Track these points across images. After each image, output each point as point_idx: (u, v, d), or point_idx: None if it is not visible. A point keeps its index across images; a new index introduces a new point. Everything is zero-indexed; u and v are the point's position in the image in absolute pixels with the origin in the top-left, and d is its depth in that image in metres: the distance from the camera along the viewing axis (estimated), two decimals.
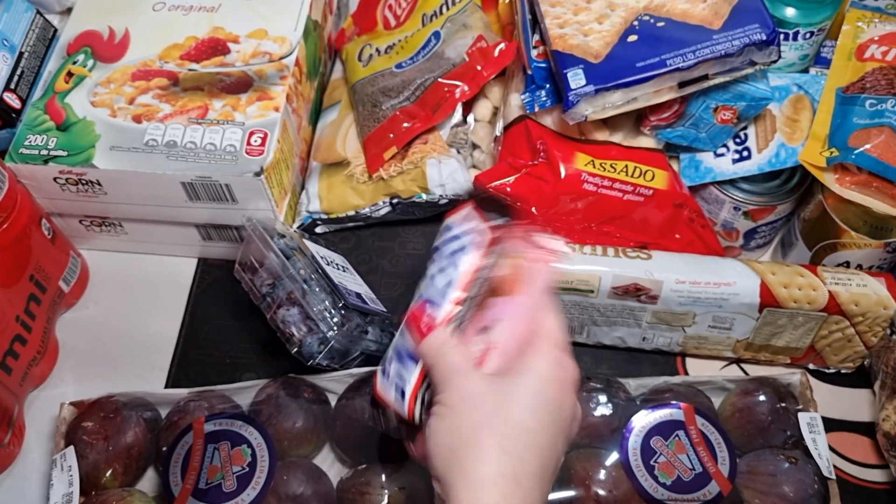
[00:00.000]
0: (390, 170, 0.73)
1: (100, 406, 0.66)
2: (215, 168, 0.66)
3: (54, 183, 0.69)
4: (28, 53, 0.75)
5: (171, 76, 0.72)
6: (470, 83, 0.71)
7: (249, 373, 0.73)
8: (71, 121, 0.70)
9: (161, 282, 0.78)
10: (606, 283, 0.66)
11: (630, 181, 0.66)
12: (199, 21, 0.75)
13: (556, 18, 0.66)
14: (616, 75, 0.61)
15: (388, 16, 0.83)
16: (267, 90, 0.71)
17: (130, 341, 0.75)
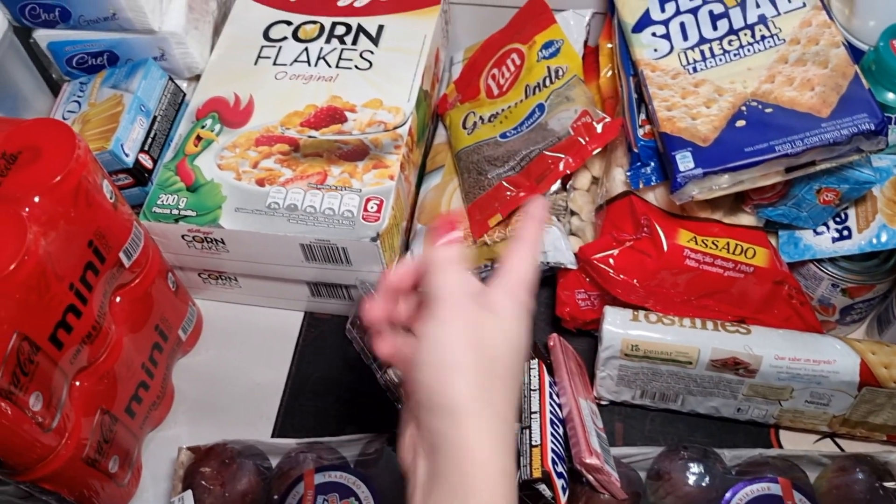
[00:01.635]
0: (494, 236, 0.76)
1: (216, 452, 0.70)
2: (333, 232, 0.70)
3: (182, 240, 0.74)
4: (160, 117, 0.81)
5: (292, 142, 0.76)
6: (574, 156, 0.74)
7: (352, 425, 0.76)
8: (200, 182, 0.75)
9: (269, 333, 0.82)
10: (705, 356, 0.67)
11: (731, 258, 0.68)
12: (318, 90, 0.80)
13: (664, 101, 0.68)
14: (724, 159, 0.63)
15: (491, 85, 0.87)
16: (382, 159, 0.75)
17: (239, 388, 0.79)
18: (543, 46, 0.83)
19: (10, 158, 0.59)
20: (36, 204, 0.57)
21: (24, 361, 0.56)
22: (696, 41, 0.71)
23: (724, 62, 0.69)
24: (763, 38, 0.69)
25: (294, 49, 0.83)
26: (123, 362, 0.69)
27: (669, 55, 0.72)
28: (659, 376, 0.70)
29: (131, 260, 0.68)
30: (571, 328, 0.77)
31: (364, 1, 0.87)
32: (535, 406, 0.68)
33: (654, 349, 0.68)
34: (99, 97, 0.80)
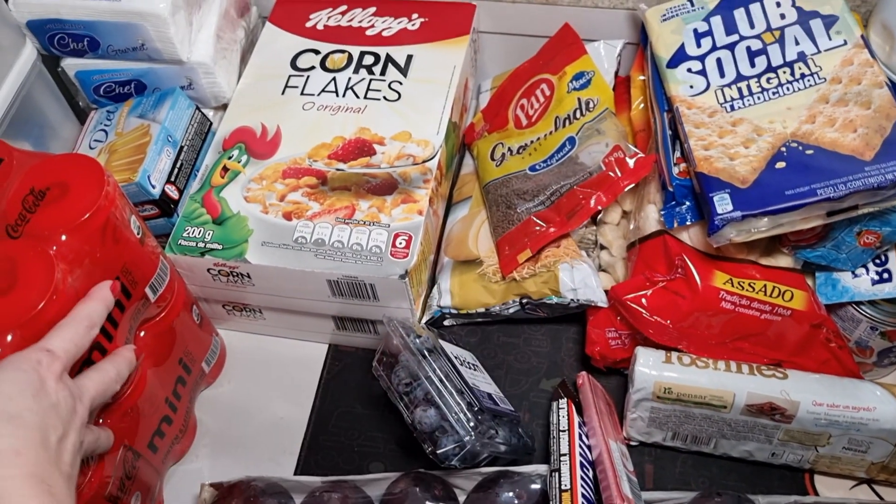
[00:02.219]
0: (523, 272, 0.75)
1: (239, 490, 0.69)
2: (361, 268, 0.69)
3: (207, 273, 0.73)
4: (187, 147, 0.81)
5: (320, 175, 0.76)
6: (606, 192, 0.73)
7: (377, 462, 0.75)
8: (226, 215, 0.74)
9: (293, 365, 0.81)
10: (740, 401, 0.66)
11: (769, 301, 0.67)
12: (346, 121, 0.79)
13: (701, 140, 0.67)
14: (764, 202, 0.62)
15: (519, 115, 0.86)
16: (411, 193, 0.74)
17: (262, 422, 0.78)
18: (574, 77, 0.82)
19: (39, 195, 0.58)
20: (63, 242, 0.56)
21: None
22: (734, 78, 0.70)
23: (763, 101, 0.68)
24: (803, 76, 0.68)
25: (322, 79, 0.83)
26: (147, 397, 0.68)
27: (706, 92, 0.70)
28: (692, 419, 0.68)
29: (157, 294, 0.67)
30: (601, 367, 0.75)
31: (393, 30, 0.86)
32: (565, 448, 0.66)
33: (687, 392, 0.66)
34: (126, 126, 0.80)
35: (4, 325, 0.52)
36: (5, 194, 0.59)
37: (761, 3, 0.73)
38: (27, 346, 0.52)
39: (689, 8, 0.76)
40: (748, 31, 0.72)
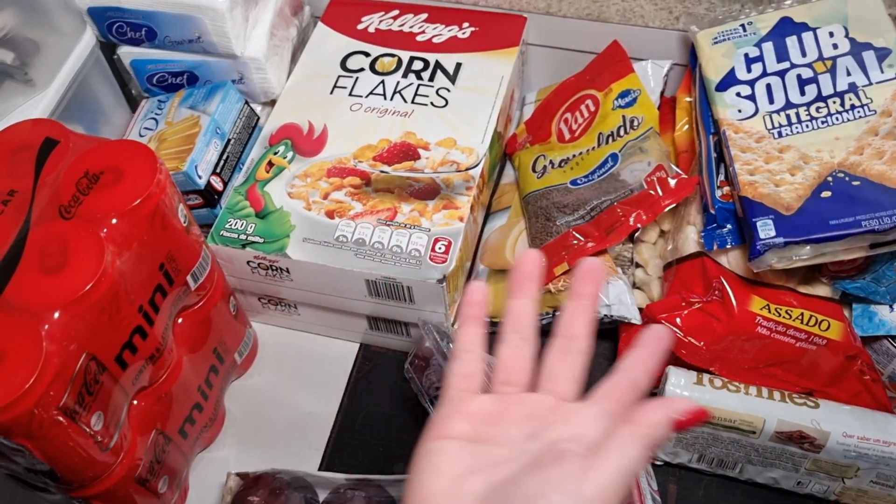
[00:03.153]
0: (559, 284, 0.75)
1: (265, 481, 0.70)
2: (400, 270, 0.70)
3: (247, 265, 0.74)
4: (234, 140, 0.82)
5: (364, 176, 0.76)
6: (647, 211, 0.73)
7: (401, 463, 0.75)
8: (269, 209, 0.75)
9: (323, 362, 0.82)
10: (770, 427, 0.65)
11: (805, 329, 0.67)
12: (392, 125, 0.80)
13: (747, 164, 0.67)
14: (808, 230, 0.62)
15: (563, 129, 0.86)
16: (453, 199, 0.74)
17: (289, 416, 0.79)
18: (620, 95, 0.82)
19: (93, 178, 0.59)
20: (113, 225, 0.57)
21: (90, 381, 0.56)
22: (783, 105, 0.70)
23: (811, 129, 0.68)
24: (853, 107, 0.68)
25: (371, 81, 0.84)
26: (181, 384, 0.69)
27: (754, 117, 0.71)
28: (719, 442, 0.68)
29: (198, 283, 0.68)
30: None
31: (443, 37, 0.87)
32: None
33: (717, 415, 0.66)
34: (176, 116, 0.81)
35: (52, 304, 0.53)
36: (60, 175, 0.60)
37: (814, 32, 0.73)
38: (73, 324, 0.53)
39: (741, 33, 0.76)
40: (800, 59, 0.72)
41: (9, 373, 0.50)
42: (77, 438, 0.56)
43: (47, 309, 0.53)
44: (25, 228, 0.57)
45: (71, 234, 0.56)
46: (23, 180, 0.60)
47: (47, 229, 0.57)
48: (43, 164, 0.61)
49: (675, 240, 0.74)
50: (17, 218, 0.58)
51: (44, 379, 0.51)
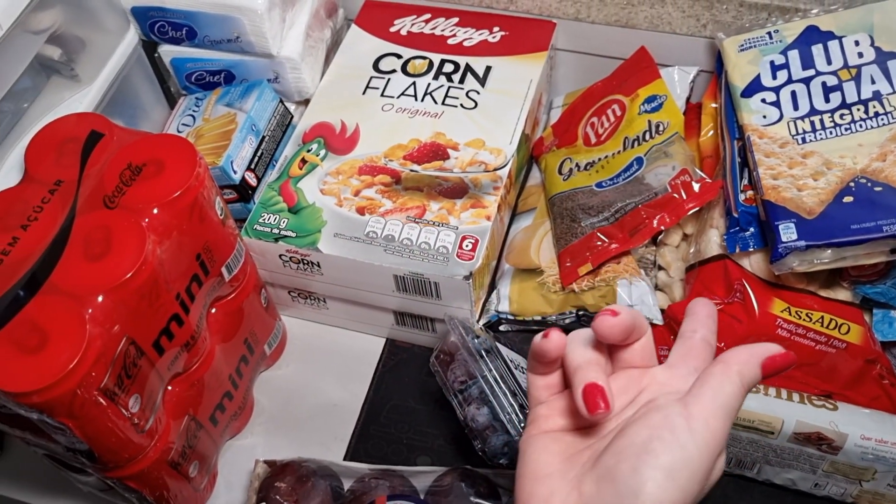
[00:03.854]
0: (582, 284, 0.77)
1: (292, 468, 0.72)
2: (427, 266, 0.72)
3: (279, 259, 0.77)
4: (268, 137, 0.84)
5: (394, 174, 0.78)
6: (670, 214, 0.74)
7: (424, 456, 0.77)
8: (302, 205, 0.77)
9: (350, 355, 0.84)
10: (788, 428, 0.66)
11: (825, 332, 0.68)
12: (423, 125, 0.82)
13: (770, 169, 0.68)
14: (829, 234, 0.63)
15: (589, 133, 0.88)
16: (481, 199, 0.76)
17: (316, 407, 0.81)
18: (646, 100, 0.84)
19: (136, 170, 0.62)
20: (155, 215, 0.60)
21: (129, 365, 0.58)
22: (807, 111, 0.71)
23: (835, 135, 0.69)
24: (877, 114, 0.69)
25: (402, 82, 0.86)
26: (213, 372, 0.71)
27: (778, 123, 0.72)
28: (737, 442, 0.69)
29: (231, 274, 0.70)
30: None
31: (474, 41, 0.89)
32: None
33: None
34: (213, 113, 0.84)
35: (96, 288, 0.55)
36: (104, 166, 0.63)
37: (840, 40, 0.74)
38: (115, 308, 0.55)
39: (767, 40, 0.77)
40: (825, 67, 0.73)
41: (54, 353, 0.52)
42: (115, 420, 0.58)
43: (91, 293, 0.55)
44: (71, 216, 0.60)
45: (114, 222, 0.59)
46: (69, 170, 0.63)
47: (92, 218, 0.59)
48: (88, 156, 0.63)
49: (698, 242, 0.76)
50: (63, 206, 0.60)
51: (87, 360, 0.53)
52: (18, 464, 0.80)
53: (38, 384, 0.52)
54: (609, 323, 0.45)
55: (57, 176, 0.62)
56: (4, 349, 0.53)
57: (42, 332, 0.53)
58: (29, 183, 0.63)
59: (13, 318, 0.54)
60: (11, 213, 0.60)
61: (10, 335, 0.54)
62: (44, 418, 0.55)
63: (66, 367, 0.52)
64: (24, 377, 0.52)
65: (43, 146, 0.64)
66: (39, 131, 0.65)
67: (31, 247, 0.58)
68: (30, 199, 0.61)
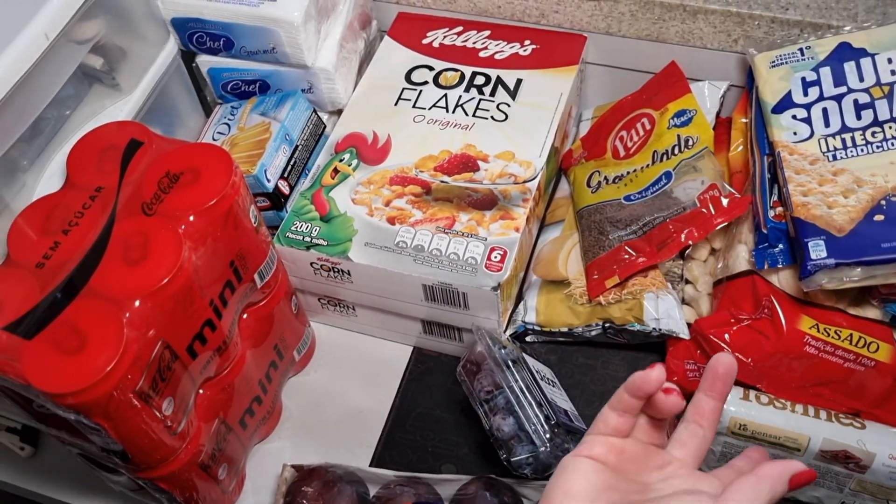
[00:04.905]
0: (609, 297, 0.77)
1: (319, 473, 0.73)
2: (456, 277, 0.73)
3: (310, 267, 0.78)
4: (301, 146, 0.86)
5: (425, 185, 0.79)
6: (699, 228, 0.75)
7: (449, 464, 0.78)
8: (333, 214, 0.78)
9: (377, 363, 0.85)
10: (815, 445, 0.66)
11: (853, 350, 0.67)
12: (453, 137, 0.83)
13: (800, 186, 0.69)
14: (859, 252, 0.63)
15: (618, 146, 0.88)
16: (510, 210, 0.77)
17: (343, 413, 0.82)
18: (676, 115, 0.84)
19: (174, 178, 0.63)
20: (191, 222, 0.61)
21: (163, 368, 0.59)
22: (839, 129, 0.71)
23: (866, 153, 0.69)
24: None
25: (434, 94, 0.87)
26: (244, 376, 0.72)
27: (809, 140, 0.72)
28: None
29: (263, 281, 0.72)
30: None
31: (505, 54, 0.90)
32: None
33: (762, 431, 0.67)
34: (248, 122, 0.85)
35: (134, 293, 0.57)
36: (143, 173, 0.64)
37: (873, 58, 0.74)
38: (152, 313, 0.57)
39: (798, 57, 0.77)
40: (857, 85, 0.73)
41: (93, 356, 0.54)
42: (149, 421, 0.60)
43: (129, 297, 0.57)
44: (110, 222, 0.61)
45: (152, 229, 0.60)
46: (109, 177, 0.64)
47: (130, 224, 0.61)
48: (128, 164, 0.65)
49: (726, 258, 0.76)
50: (103, 212, 0.62)
51: (124, 363, 0.54)
52: (53, 462, 0.82)
53: (76, 385, 0.53)
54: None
55: (98, 182, 0.64)
56: (45, 350, 0.55)
57: (81, 334, 0.55)
58: (70, 189, 0.64)
59: (54, 319, 0.56)
60: (54, 218, 0.62)
61: (50, 336, 0.55)
62: (80, 419, 0.56)
63: (104, 370, 0.53)
64: (63, 378, 0.53)
65: (84, 153, 0.66)
66: (81, 139, 0.67)
67: (71, 251, 0.60)
68: (71, 204, 0.63)
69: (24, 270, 0.59)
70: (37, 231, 0.62)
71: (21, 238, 0.62)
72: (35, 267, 0.59)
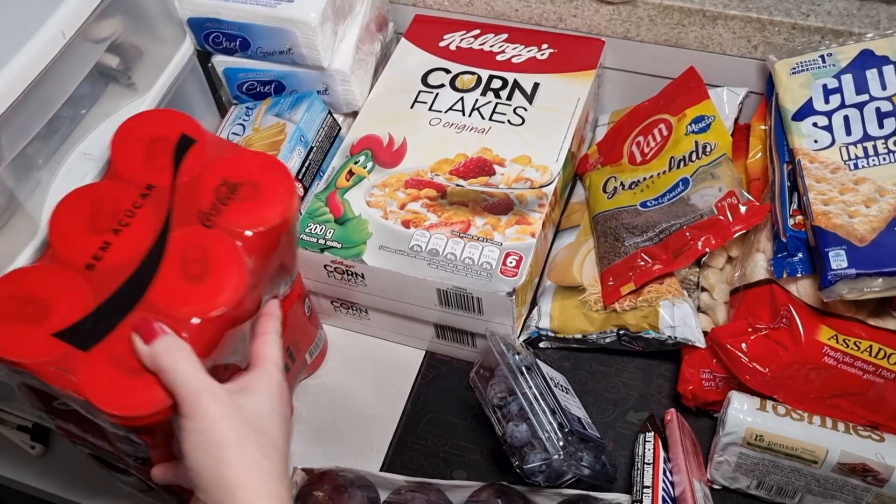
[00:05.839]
0: (624, 304, 0.76)
1: (329, 478, 0.72)
2: (471, 282, 0.72)
3: (323, 269, 0.77)
4: (316, 148, 0.85)
5: (440, 189, 0.79)
6: (716, 236, 0.74)
7: (460, 470, 0.77)
8: (348, 216, 0.78)
9: (389, 367, 0.84)
10: (833, 458, 0.66)
11: (873, 361, 0.67)
12: (469, 140, 0.82)
13: (821, 194, 0.68)
14: (881, 263, 0.62)
15: (634, 152, 0.87)
16: (526, 215, 0.76)
17: (354, 417, 0.81)
18: (693, 121, 0.83)
19: (232, 188, 0.61)
20: (249, 238, 0.59)
21: None
22: (860, 137, 0.70)
23: (889, 162, 0.68)
24: None
25: (450, 97, 0.86)
26: None
27: (830, 148, 0.71)
28: (779, 470, 0.68)
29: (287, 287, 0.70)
30: (691, 406, 0.76)
31: (522, 58, 0.89)
32: (648, 480, 0.67)
33: (779, 442, 0.67)
34: (263, 123, 0.85)
35: (193, 313, 0.55)
36: (198, 178, 0.61)
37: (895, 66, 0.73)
38: (206, 333, 0.55)
39: (820, 64, 0.77)
40: (879, 93, 0.72)
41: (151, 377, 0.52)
42: None
43: (187, 316, 0.54)
44: (166, 228, 0.58)
45: (212, 243, 0.58)
46: (160, 174, 0.61)
47: (189, 235, 0.58)
48: (180, 163, 0.62)
49: (744, 266, 0.75)
50: (157, 215, 0.59)
51: None
52: (63, 462, 0.82)
53: (143, 410, 0.51)
54: None
55: (148, 179, 0.61)
56: (105, 366, 0.52)
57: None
58: (116, 180, 0.61)
59: (111, 332, 0.54)
60: (102, 213, 0.59)
61: (109, 351, 0.53)
62: (129, 435, 0.55)
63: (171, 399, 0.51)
64: (128, 400, 0.52)
65: (131, 141, 0.63)
66: (125, 124, 0.64)
67: (123, 254, 0.57)
68: (120, 199, 0.60)
69: (73, 271, 0.56)
70: (83, 226, 0.58)
71: (67, 231, 0.58)
72: (85, 268, 0.56)
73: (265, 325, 0.60)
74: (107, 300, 0.55)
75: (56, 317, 0.54)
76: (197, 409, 0.50)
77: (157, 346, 0.52)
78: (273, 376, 0.56)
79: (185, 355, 0.52)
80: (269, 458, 0.51)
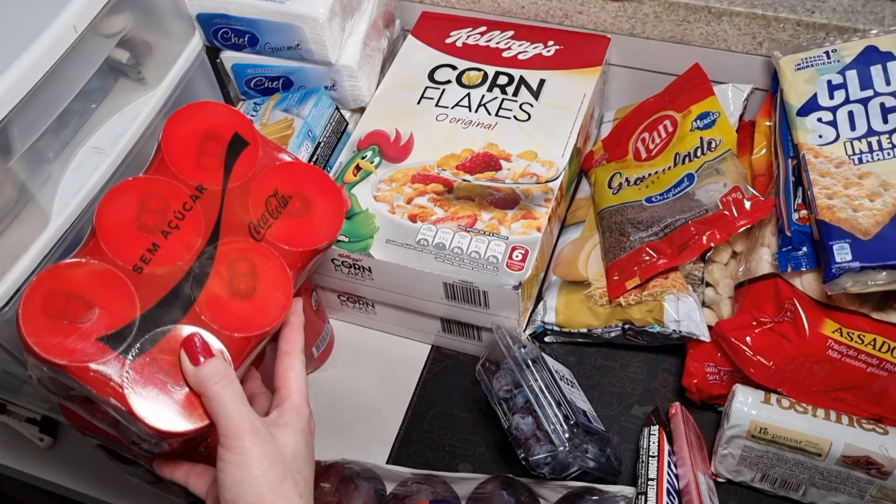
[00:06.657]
0: (629, 298, 0.77)
1: (336, 470, 0.73)
2: (477, 275, 0.73)
3: (331, 263, 0.78)
4: (324, 143, 0.86)
5: (447, 183, 0.80)
6: (721, 231, 0.74)
7: (466, 463, 0.78)
8: (355, 211, 0.78)
9: (395, 361, 0.85)
10: (836, 450, 0.66)
11: (877, 355, 0.67)
12: (476, 136, 0.83)
13: (825, 189, 0.68)
14: (884, 256, 0.62)
15: (639, 148, 0.88)
16: (532, 210, 0.77)
17: (360, 410, 0.82)
18: (699, 117, 0.84)
19: (282, 200, 0.61)
20: (295, 255, 0.60)
21: None
22: (865, 132, 0.71)
23: (893, 157, 0.68)
24: None
25: (457, 93, 0.87)
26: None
27: (834, 143, 0.71)
28: (783, 462, 0.69)
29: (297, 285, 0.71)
30: (696, 399, 0.77)
31: (528, 54, 0.90)
32: (653, 473, 0.68)
33: (783, 435, 0.67)
34: (271, 118, 0.86)
35: (237, 329, 0.56)
36: (250, 185, 0.61)
37: None
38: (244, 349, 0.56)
39: (824, 60, 0.77)
40: (884, 88, 0.73)
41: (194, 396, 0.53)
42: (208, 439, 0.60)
43: (231, 331, 0.55)
44: (215, 236, 0.58)
45: (261, 259, 0.58)
46: (212, 176, 0.60)
47: (238, 246, 0.59)
48: (232, 166, 0.61)
49: (748, 261, 0.75)
50: (207, 220, 0.59)
51: None
52: (71, 453, 0.83)
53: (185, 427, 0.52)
54: None
55: (199, 179, 0.60)
56: (149, 379, 0.52)
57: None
58: (166, 175, 0.59)
59: (158, 342, 0.53)
60: (151, 211, 0.57)
61: (156, 364, 0.53)
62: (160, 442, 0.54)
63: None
64: (169, 416, 0.52)
65: (183, 135, 0.61)
66: (176, 115, 0.61)
67: (172, 259, 0.56)
68: (170, 199, 0.58)
69: (119, 272, 0.54)
70: (132, 223, 0.56)
71: (115, 227, 0.56)
72: (132, 270, 0.55)
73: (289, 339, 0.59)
74: (153, 307, 0.54)
75: (101, 320, 0.52)
76: (239, 444, 0.51)
77: (204, 370, 0.52)
78: (303, 411, 0.57)
79: (230, 384, 0.52)
80: (304, 498, 0.53)
